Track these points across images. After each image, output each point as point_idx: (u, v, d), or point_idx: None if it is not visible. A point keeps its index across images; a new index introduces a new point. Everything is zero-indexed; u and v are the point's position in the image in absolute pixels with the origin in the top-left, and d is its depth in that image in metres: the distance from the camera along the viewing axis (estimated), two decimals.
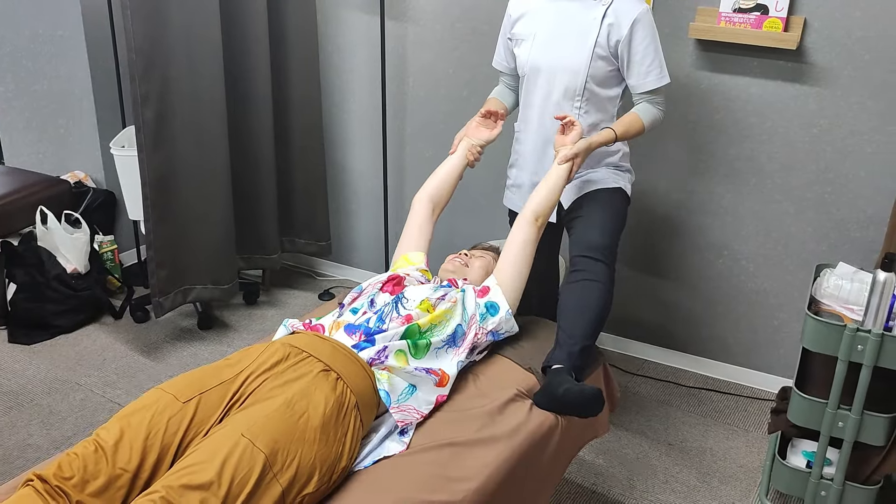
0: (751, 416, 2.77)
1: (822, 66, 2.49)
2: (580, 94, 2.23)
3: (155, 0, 2.59)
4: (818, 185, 2.60)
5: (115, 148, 3.04)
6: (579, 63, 2.20)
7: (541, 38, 2.26)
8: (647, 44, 2.17)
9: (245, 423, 1.50)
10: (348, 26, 3.18)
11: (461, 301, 1.97)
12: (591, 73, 2.21)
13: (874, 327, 1.94)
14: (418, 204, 2.27)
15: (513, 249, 2.09)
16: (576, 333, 1.98)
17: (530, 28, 2.29)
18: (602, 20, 2.17)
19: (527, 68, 2.31)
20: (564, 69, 2.23)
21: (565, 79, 2.24)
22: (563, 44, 2.23)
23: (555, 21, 2.25)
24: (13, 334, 3.07)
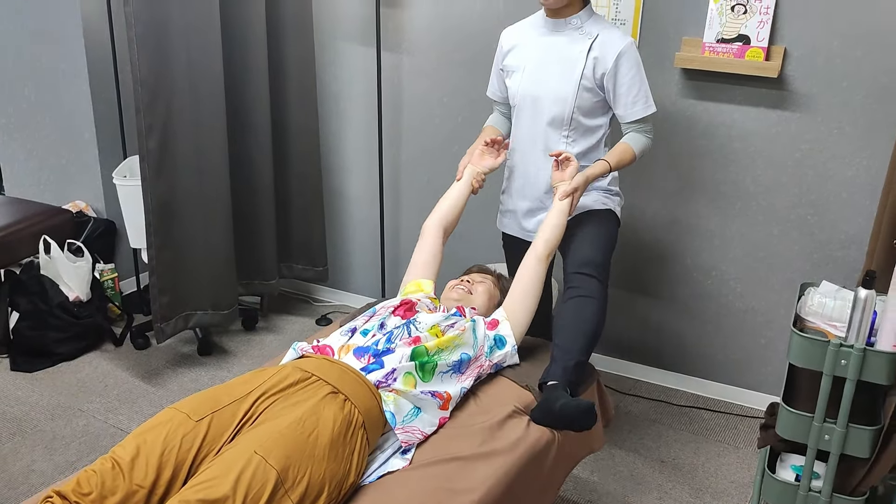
0: (741, 433, 2.84)
1: (802, 93, 2.59)
2: (567, 123, 2.32)
3: (159, 34, 2.68)
4: (801, 207, 2.70)
5: (118, 178, 3.11)
6: (566, 94, 2.29)
7: (530, 69, 2.35)
8: (632, 75, 2.26)
9: (257, 441, 1.56)
10: (345, 57, 3.28)
11: (471, 329, 2.04)
12: (578, 103, 2.29)
13: (857, 342, 2.02)
14: (429, 231, 2.35)
15: (522, 286, 2.18)
16: (570, 349, 2.05)
17: (520, 60, 2.38)
18: (588, 53, 2.26)
19: (517, 98, 2.40)
20: (552, 100, 2.32)
21: (553, 109, 2.32)
22: (550, 76, 2.32)
23: (543, 54, 2.34)
24: (15, 362, 3.11)
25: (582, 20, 2.29)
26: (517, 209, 2.47)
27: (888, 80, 2.45)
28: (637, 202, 2.90)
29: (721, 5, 2.57)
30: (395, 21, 3.12)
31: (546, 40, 2.33)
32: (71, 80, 3.38)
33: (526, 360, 2.15)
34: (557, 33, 2.32)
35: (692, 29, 2.65)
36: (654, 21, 2.71)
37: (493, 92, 2.56)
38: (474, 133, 3.03)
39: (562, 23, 2.30)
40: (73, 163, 3.54)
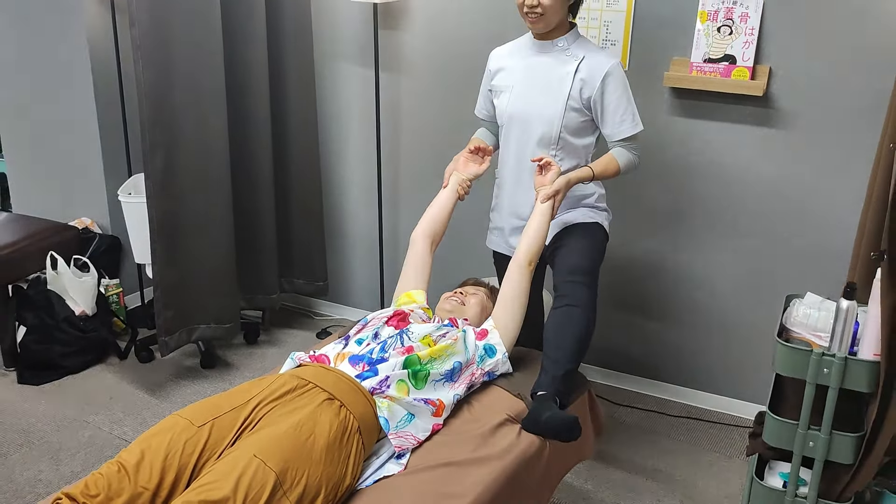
0: (733, 443, 2.89)
1: (787, 111, 2.67)
2: (555, 142, 2.38)
3: (164, 55, 2.77)
4: (788, 221, 2.77)
5: (123, 195, 3.20)
6: (553, 114, 2.36)
7: (518, 90, 2.42)
8: (618, 95, 2.33)
9: (257, 445, 1.63)
10: (344, 77, 3.37)
11: (462, 339, 2.11)
12: (565, 123, 2.36)
13: (839, 351, 2.08)
14: (418, 240, 2.41)
15: (508, 295, 2.24)
16: (559, 358, 2.11)
17: (508, 81, 2.45)
18: (574, 74, 2.33)
19: (505, 118, 2.47)
20: (540, 120, 2.38)
21: (541, 128, 2.38)
22: (538, 96, 2.39)
23: (530, 75, 2.41)
24: (22, 375, 3.18)
25: (568, 42, 2.37)
26: (505, 226, 2.54)
27: (869, 99, 2.52)
28: (628, 217, 2.96)
29: (708, 26, 2.65)
30: (392, 42, 3.21)
31: (533, 61, 2.41)
32: (77, 100, 3.47)
33: (518, 368, 2.21)
34: (544, 55, 2.40)
35: (680, 49, 2.74)
36: (643, 42, 2.80)
37: (480, 110, 2.64)
38: None
39: (549, 45, 2.38)
40: (79, 181, 3.62)
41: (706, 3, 2.65)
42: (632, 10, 2.78)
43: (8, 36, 3.57)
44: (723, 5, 2.63)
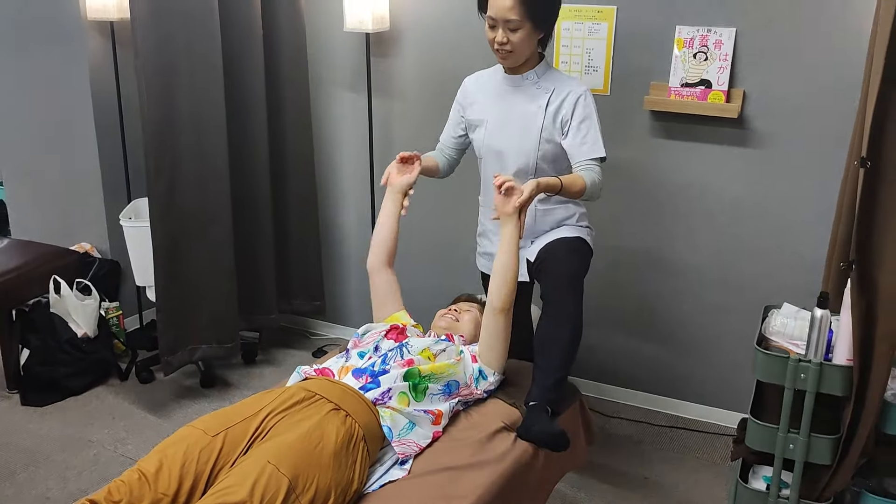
0: (717, 450, 3.01)
1: (761, 131, 2.81)
2: (532, 173, 2.45)
3: (167, 84, 2.89)
4: (766, 236, 2.91)
5: (124, 220, 3.30)
6: (528, 148, 2.44)
7: (492, 125, 2.50)
8: (585, 116, 2.38)
9: (269, 452, 1.73)
10: (338, 103, 3.49)
11: (463, 362, 2.21)
12: (541, 155, 2.44)
13: (814, 358, 2.20)
14: (375, 271, 2.47)
15: (488, 340, 2.25)
16: (548, 368, 2.21)
17: (482, 115, 2.53)
18: (546, 108, 2.41)
19: (482, 151, 2.56)
20: (516, 153, 2.46)
21: (518, 161, 2.47)
22: (512, 131, 2.47)
23: (504, 109, 2.48)
24: (26, 397, 3.25)
25: (538, 75, 2.44)
26: (495, 252, 2.59)
27: (837, 120, 2.66)
28: (613, 234, 3.09)
29: (684, 53, 2.80)
30: (384, 69, 3.34)
31: (506, 96, 2.48)
32: (77, 128, 3.56)
33: (514, 379, 2.32)
34: (516, 88, 2.46)
35: (658, 74, 2.88)
36: (623, 68, 2.94)
37: (446, 137, 2.69)
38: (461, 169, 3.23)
39: (519, 79, 2.45)
40: (79, 207, 3.71)
41: (682, 31, 2.79)
42: (612, 38, 2.92)
43: (8, 65, 3.66)
44: (698, 33, 2.77)
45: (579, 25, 2.94)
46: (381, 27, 3.16)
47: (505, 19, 2.28)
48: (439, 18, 3.19)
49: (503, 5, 2.27)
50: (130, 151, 3.55)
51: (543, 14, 2.33)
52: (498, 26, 2.31)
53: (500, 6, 2.28)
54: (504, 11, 2.27)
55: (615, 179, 2.97)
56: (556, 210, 2.52)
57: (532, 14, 2.28)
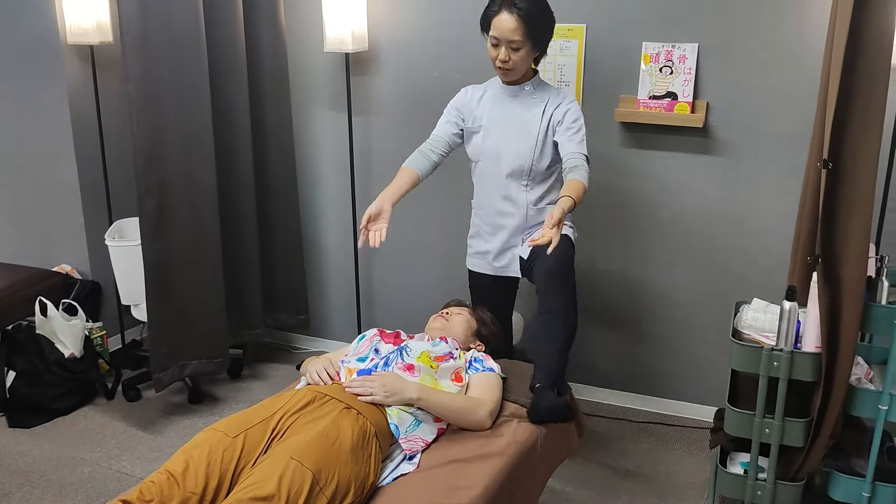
0: (695, 442, 3.16)
1: (725, 139, 3.00)
2: (527, 174, 2.66)
3: (156, 107, 2.96)
4: (735, 237, 3.09)
5: (109, 240, 3.34)
6: (525, 152, 2.63)
7: (491, 130, 2.68)
8: (575, 118, 2.59)
9: (291, 449, 1.82)
10: (319, 121, 3.59)
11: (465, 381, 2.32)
12: (536, 157, 2.63)
13: (785, 346, 2.37)
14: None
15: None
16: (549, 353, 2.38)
17: (480, 122, 2.70)
18: (542, 115, 2.62)
19: (480, 156, 2.72)
20: (513, 156, 2.65)
21: (514, 164, 2.65)
22: (510, 136, 2.65)
23: (504, 116, 2.67)
24: (13, 419, 3.26)
25: (534, 86, 2.65)
26: (490, 251, 2.77)
27: (796, 125, 2.86)
28: (591, 240, 3.24)
29: (651, 67, 2.98)
30: (363, 88, 3.46)
31: (505, 105, 2.67)
32: (57, 150, 3.59)
33: (511, 377, 2.44)
34: (514, 98, 2.67)
35: (627, 87, 3.05)
36: (594, 82, 3.11)
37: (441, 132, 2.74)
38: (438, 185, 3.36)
39: (517, 89, 2.66)
40: (59, 230, 3.73)
41: (648, 47, 2.97)
42: (583, 55, 3.09)
43: None
44: (663, 49, 2.96)
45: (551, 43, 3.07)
46: (360, 47, 3.28)
47: (508, 40, 2.48)
48: (416, 39, 3.32)
49: (508, 27, 2.46)
50: (112, 173, 3.60)
51: (542, 35, 2.55)
52: (501, 45, 2.51)
53: (504, 28, 2.47)
54: (508, 33, 2.47)
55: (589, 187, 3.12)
56: (545, 209, 2.69)
57: (533, 35, 2.50)
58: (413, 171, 2.68)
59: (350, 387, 2.10)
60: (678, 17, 2.93)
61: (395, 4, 3.31)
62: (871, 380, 2.48)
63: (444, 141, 2.74)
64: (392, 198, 2.56)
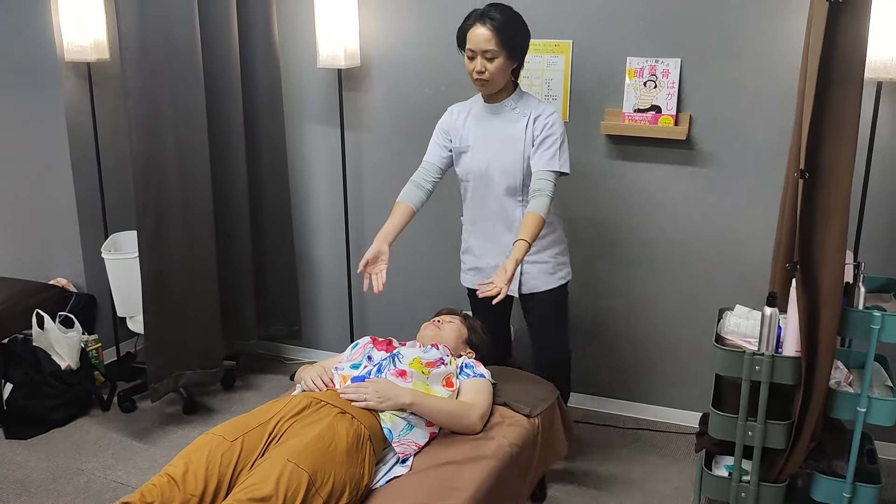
0: (680, 447, 3.23)
1: (707, 152, 3.09)
2: (520, 190, 2.70)
3: (154, 124, 3.03)
4: (716, 246, 3.17)
5: (105, 253, 3.40)
6: (514, 168, 2.67)
7: (478, 150, 2.71)
8: (552, 132, 2.61)
9: (288, 452, 1.88)
10: (312, 136, 3.66)
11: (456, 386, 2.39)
12: (526, 172, 2.67)
13: (766, 351, 2.44)
14: None
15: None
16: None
17: (467, 142, 2.74)
18: (526, 129, 2.65)
19: (469, 175, 2.76)
20: (503, 173, 2.68)
21: (506, 181, 2.69)
22: (497, 154, 2.68)
23: (488, 135, 2.70)
24: (9, 431, 3.29)
25: (515, 101, 2.68)
26: (485, 266, 2.80)
27: (775, 137, 2.95)
28: (575, 249, 3.29)
29: (635, 81, 3.07)
30: (355, 103, 3.54)
31: (488, 123, 2.71)
32: (53, 166, 3.65)
33: (498, 382, 2.51)
34: (496, 116, 2.69)
35: (612, 101, 3.13)
36: (580, 95, 3.19)
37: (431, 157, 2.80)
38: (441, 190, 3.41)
39: (498, 107, 2.69)
40: (55, 244, 3.78)
41: (633, 62, 3.06)
42: (569, 69, 3.17)
43: None
44: (647, 63, 3.04)
45: (538, 58, 3.18)
46: (352, 63, 3.36)
47: (482, 49, 2.53)
48: (407, 54, 3.40)
49: (481, 38, 2.53)
50: (107, 187, 3.65)
51: (517, 44, 2.59)
52: (476, 57, 2.56)
53: (477, 38, 2.54)
54: (481, 42, 2.53)
55: (575, 198, 3.21)
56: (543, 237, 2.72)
57: (506, 43, 2.54)
58: (407, 205, 2.74)
59: (345, 393, 2.17)
60: (661, 33, 3.02)
61: (387, 22, 3.40)
62: (851, 383, 2.56)
63: (436, 166, 2.80)
64: (388, 238, 2.65)
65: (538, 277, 2.78)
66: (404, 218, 2.73)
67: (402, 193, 2.78)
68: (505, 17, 2.55)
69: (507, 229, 2.74)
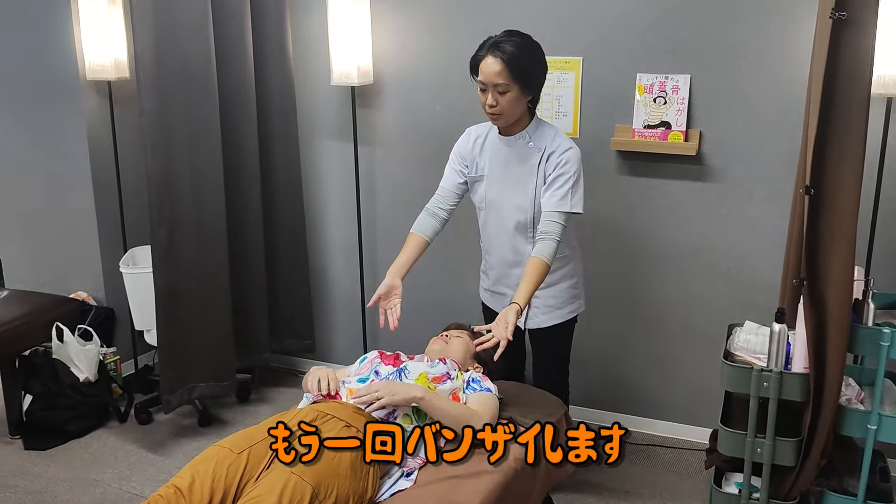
0: (691, 464, 3.22)
1: (717, 166, 3.09)
2: (531, 226, 2.65)
3: (169, 139, 3.09)
4: (726, 262, 3.16)
5: (124, 267, 3.46)
6: (526, 205, 2.60)
7: (492, 181, 2.68)
8: (565, 170, 2.53)
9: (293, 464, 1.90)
10: (326, 152, 3.71)
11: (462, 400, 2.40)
12: (537, 210, 2.59)
13: (775, 367, 2.44)
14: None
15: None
16: None
17: (482, 171, 2.67)
18: (539, 166, 2.57)
19: (484, 205, 2.73)
20: (514, 208, 2.63)
21: (516, 216, 2.63)
22: (509, 188, 2.62)
23: (501, 167, 2.64)
24: (29, 441, 3.35)
25: (530, 134, 2.58)
26: (506, 294, 2.75)
27: (783, 152, 2.95)
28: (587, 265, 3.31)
29: (645, 98, 3.08)
30: (368, 119, 3.58)
31: (501, 155, 2.64)
32: (75, 182, 3.73)
33: (505, 396, 2.52)
34: (510, 147, 2.61)
35: (622, 117, 3.15)
36: (590, 112, 3.21)
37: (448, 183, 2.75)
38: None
39: (513, 139, 2.60)
40: (75, 258, 3.85)
41: (642, 78, 3.08)
42: (579, 86, 3.20)
43: (9, 122, 3.84)
44: (656, 80, 3.06)
45: (549, 75, 3.17)
46: (365, 80, 3.40)
47: (494, 83, 2.43)
48: (419, 72, 3.44)
49: (492, 70, 2.42)
50: (127, 203, 3.72)
51: (530, 78, 2.48)
52: (488, 90, 2.46)
53: (488, 71, 2.43)
54: (492, 76, 2.42)
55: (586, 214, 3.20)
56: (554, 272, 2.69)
57: (519, 78, 2.43)
58: (420, 237, 2.70)
59: (356, 398, 2.19)
60: (671, 50, 3.03)
61: (399, 40, 3.44)
62: (862, 400, 2.54)
63: (453, 193, 2.73)
64: (400, 272, 2.62)
65: (546, 314, 2.78)
66: (417, 251, 2.68)
67: (416, 224, 2.74)
68: (518, 49, 2.43)
69: (517, 264, 2.69)
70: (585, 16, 3.12)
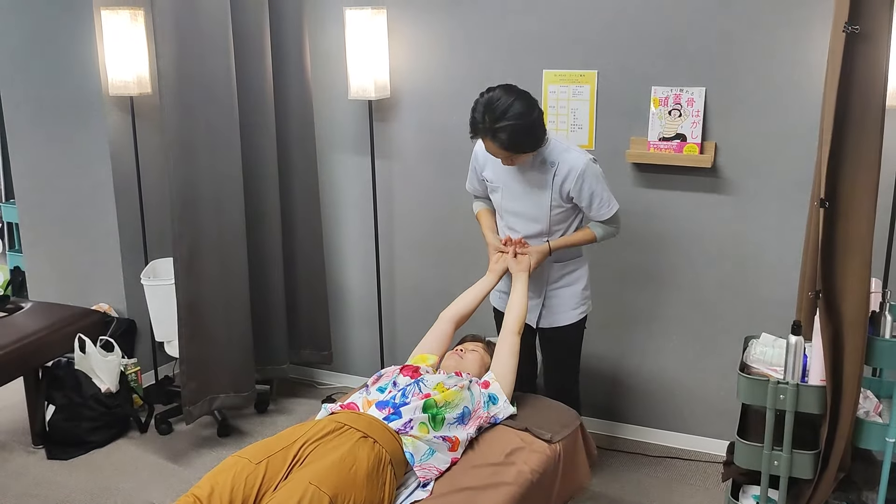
0: (709, 476, 3.21)
1: (733, 179, 3.10)
2: (546, 235, 2.74)
3: (191, 155, 3.15)
4: (742, 274, 3.16)
5: (145, 279, 3.51)
6: (540, 216, 2.71)
7: (507, 192, 2.76)
8: (593, 187, 2.65)
9: (311, 475, 1.93)
10: (343, 165, 3.76)
11: (468, 387, 2.44)
12: (552, 219, 2.72)
13: (792, 379, 2.43)
14: (444, 321, 2.76)
15: (503, 354, 2.60)
16: None
17: (497, 180, 2.77)
18: (553, 180, 2.65)
19: (501, 211, 2.83)
20: (529, 219, 2.73)
21: (531, 226, 2.74)
22: (524, 200, 2.71)
23: (514, 179, 2.71)
24: (51, 452, 3.41)
25: (542, 152, 2.65)
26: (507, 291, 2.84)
27: (798, 165, 2.95)
28: (601, 279, 3.33)
29: (660, 110, 3.10)
30: (385, 133, 3.62)
31: (513, 169, 2.70)
32: (97, 196, 3.79)
33: (520, 408, 2.54)
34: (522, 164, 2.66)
35: (638, 130, 3.17)
36: (606, 124, 3.23)
37: (474, 188, 2.94)
38: (458, 226, 3.50)
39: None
40: (97, 271, 3.92)
41: (657, 91, 3.09)
42: (595, 99, 3.22)
43: (28, 134, 3.92)
44: (672, 92, 3.07)
45: (564, 88, 3.23)
46: (382, 94, 3.44)
47: (499, 157, 2.58)
48: (436, 86, 3.48)
49: (495, 149, 2.54)
50: (148, 216, 3.78)
51: (535, 142, 2.57)
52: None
53: (492, 149, 2.55)
54: (496, 153, 2.56)
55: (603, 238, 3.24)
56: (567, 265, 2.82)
57: (521, 149, 2.54)
58: (487, 206, 2.92)
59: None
60: (686, 63, 3.05)
61: (416, 55, 3.48)
62: (881, 413, 2.53)
63: (479, 196, 2.94)
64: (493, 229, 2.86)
65: (559, 313, 2.85)
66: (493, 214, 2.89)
67: (475, 205, 2.98)
68: (512, 131, 2.46)
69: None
70: (600, 29, 3.15)
